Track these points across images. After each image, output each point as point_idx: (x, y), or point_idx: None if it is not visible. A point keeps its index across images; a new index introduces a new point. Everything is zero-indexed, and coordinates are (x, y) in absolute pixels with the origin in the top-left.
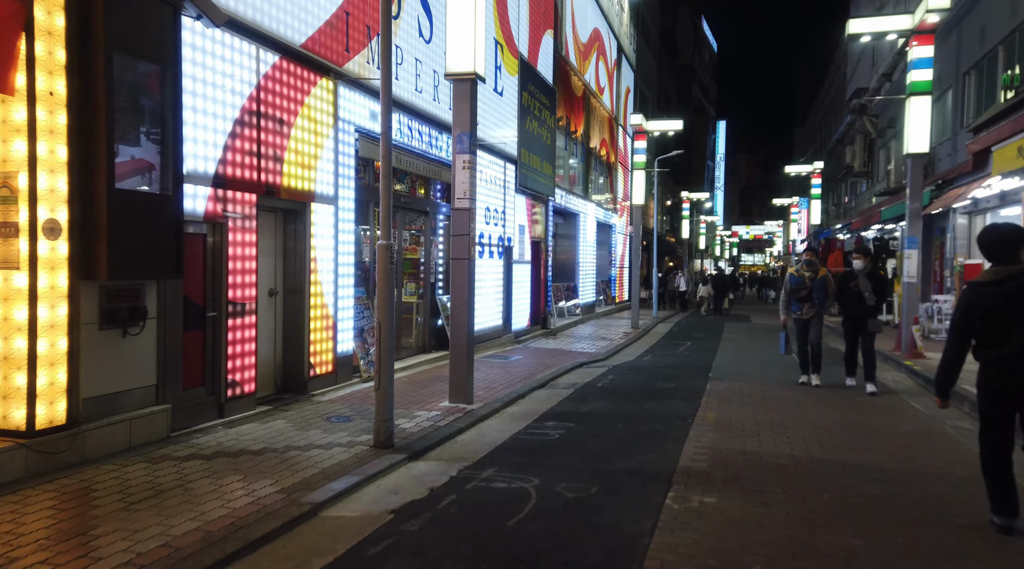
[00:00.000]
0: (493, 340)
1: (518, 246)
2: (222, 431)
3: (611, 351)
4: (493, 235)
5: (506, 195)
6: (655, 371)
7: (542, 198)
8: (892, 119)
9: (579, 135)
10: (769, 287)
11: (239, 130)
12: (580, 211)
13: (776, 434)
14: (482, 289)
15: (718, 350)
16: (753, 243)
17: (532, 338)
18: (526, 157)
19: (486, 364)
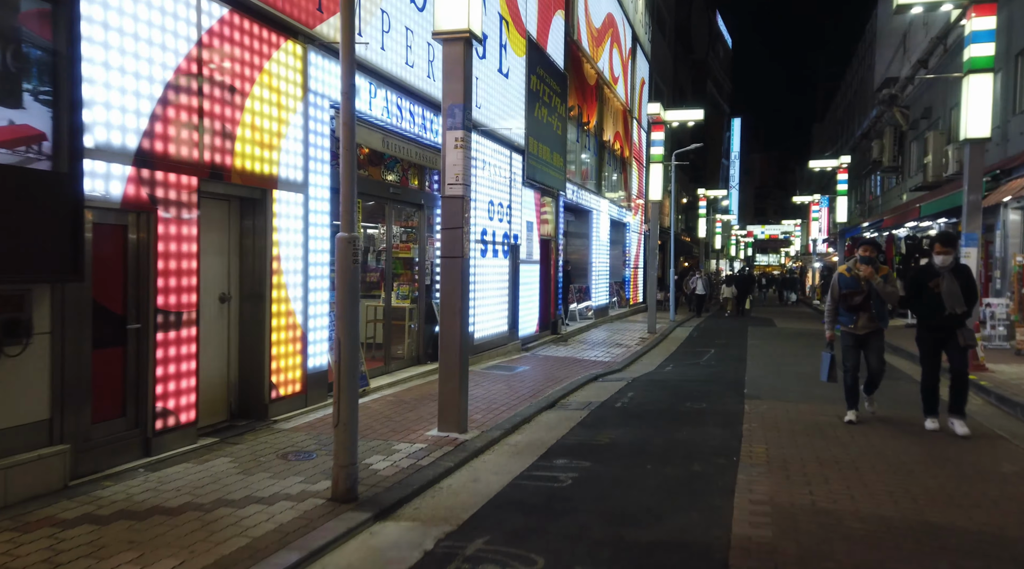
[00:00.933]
0: (498, 349)
1: (526, 244)
2: (142, 476)
3: (628, 360)
4: (498, 232)
5: (512, 188)
6: (681, 386)
7: (552, 193)
8: (927, 109)
9: (592, 127)
10: (789, 288)
11: (173, 96)
12: (593, 208)
13: (848, 479)
14: (485, 292)
15: (747, 359)
16: (768, 243)
17: (541, 345)
18: (535, 147)
19: (488, 378)
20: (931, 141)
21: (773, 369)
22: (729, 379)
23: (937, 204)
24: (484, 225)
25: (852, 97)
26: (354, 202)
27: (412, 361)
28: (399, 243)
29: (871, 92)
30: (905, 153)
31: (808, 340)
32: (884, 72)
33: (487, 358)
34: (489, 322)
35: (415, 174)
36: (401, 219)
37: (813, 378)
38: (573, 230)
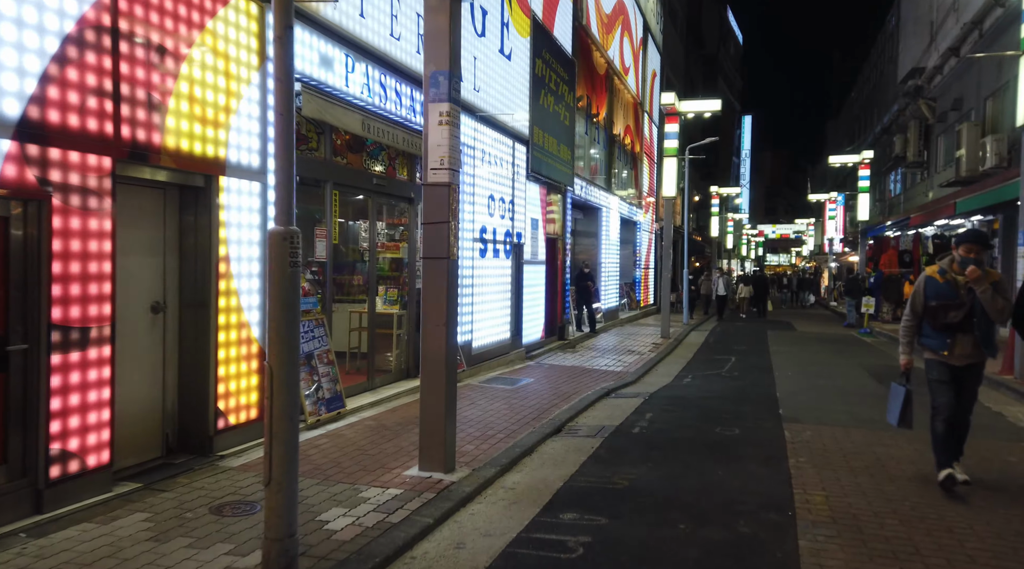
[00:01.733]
0: (499, 358)
1: (530, 243)
2: (20, 545)
3: (642, 370)
4: (499, 230)
5: (515, 183)
6: (706, 405)
7: (559, 188)
8: (957, 100)
9: (601, 119)
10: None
11: (74, 53)
12: (602, 205)
13: (946, 550)
14: (485, 296)
15: (773, 370)
16: (779, 243)
17: (547, 353)
18: (540, 137)
19: (486, 394)
20: (964, 133)
21: (805, 382)
22: (759, 395)
23: (977, 200)
24: (484, 222)
25: (871, 92)
26: (291, 186)
27: (400, 375)
28: (386, 242)
29: (893, 85)
30: (931, 147)
31: (835, 346)
32: (909, 63)
33: (487, 369)
34: (490, 330)
35: (404, 164)
36: (391, 215)
37: (854, 394)
38: (582, 229)
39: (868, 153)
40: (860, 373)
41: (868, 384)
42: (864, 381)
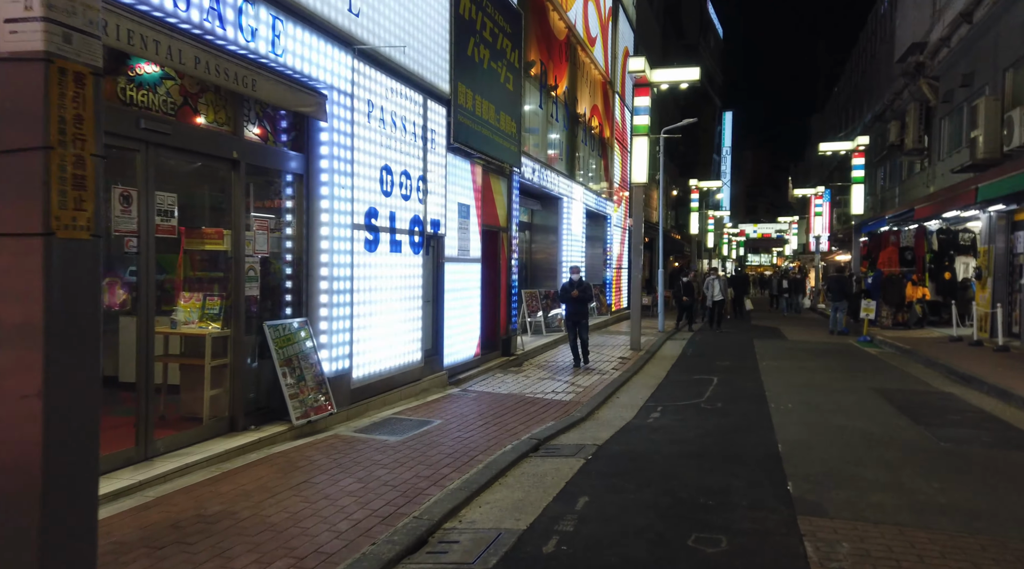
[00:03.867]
0: (407, 387)
1: (457, 235)
2: None
3: (599, 397)
4: (401, 215)
5: (429, 154)
6: (676, 473)
7: (501, 169)
8: (967, 75)
9: (561, 94)
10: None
11: None
12: (563, 194)
13: None
14: (377, 305)
15: (767, 398)
16: (760, 242)
17: (482, 375)
18: (468, 99)
19: (347, 455)
20: (982, 109)
21: (813, 419)
22: (753, 447)
23: (1007, 184)
24: (373, 202)
25: (859, 79)
26: None
27: (222, 428)
28: (204, 228)
29: (887, 68)
30: (934, 132)
31: (835, 361)
32: (908, 39)
33: (381, 406)
34: (386, 351)
35: (217, 105)
36: (196, 183)
37: (889, 445)
38: (539, 222)
39: (863, 139)
40: (878, 402)
41: (899, 423)
42: (890, 417)
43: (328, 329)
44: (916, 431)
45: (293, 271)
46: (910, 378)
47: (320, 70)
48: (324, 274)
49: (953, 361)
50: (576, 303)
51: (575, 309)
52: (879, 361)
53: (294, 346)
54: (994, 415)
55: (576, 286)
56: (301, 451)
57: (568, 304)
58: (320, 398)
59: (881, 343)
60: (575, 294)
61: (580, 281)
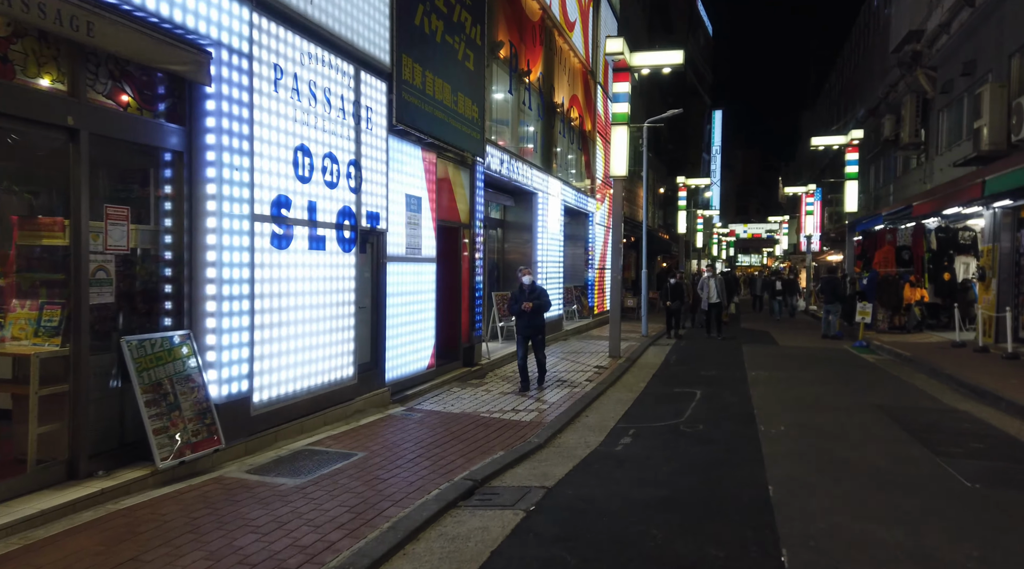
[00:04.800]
0: (334, 410)
1: (404, 231)
2: None
3: (563, 418)
4: (325, 205)
5: (365, 134)
6: (637, 528)
7: (461, 158)
8: (968, 64)
9: (535, 81)
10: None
11: None
12: (537, 189)
13: None
14: (291, 313)
15: (756, 419)
16: (750, 243)
17: (435, 389)
18: (416, 75)
19: (242, 495)
20: (987, 98)
21: (812, 449)
22: (737, 492)
23: (1018, 176)
24: (283, 188)
25: (852, 74)
26: None
27: (56, 475)
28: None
29: (881, 61)
30: (931, 125)
31: (831, 370)
32: (904, 27)
33: (294, 435)
34: (304, 367)
35: (44, 57)
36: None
37: (901, 486)
38: (512, 219)
39: (857, 133)
40: (884, 424)
41: (912, 453)
42: (900, 444)
43: (218, 344)
44: (934, 465)
45: (172, 273)
46: (915, 391)
47: (201, 21)
48: (211, 276)
49: (960, 371)
50: (530, 315)
51: (529, 322)
52: (878, 370)
53: (167, 366)
54: (1021, 441)
55: (529, 294)
56: (156, 506)
57: (519, 316)
58: (202, 431)
59: (878, 349)
60: (527, 307)
61: (534, 287)
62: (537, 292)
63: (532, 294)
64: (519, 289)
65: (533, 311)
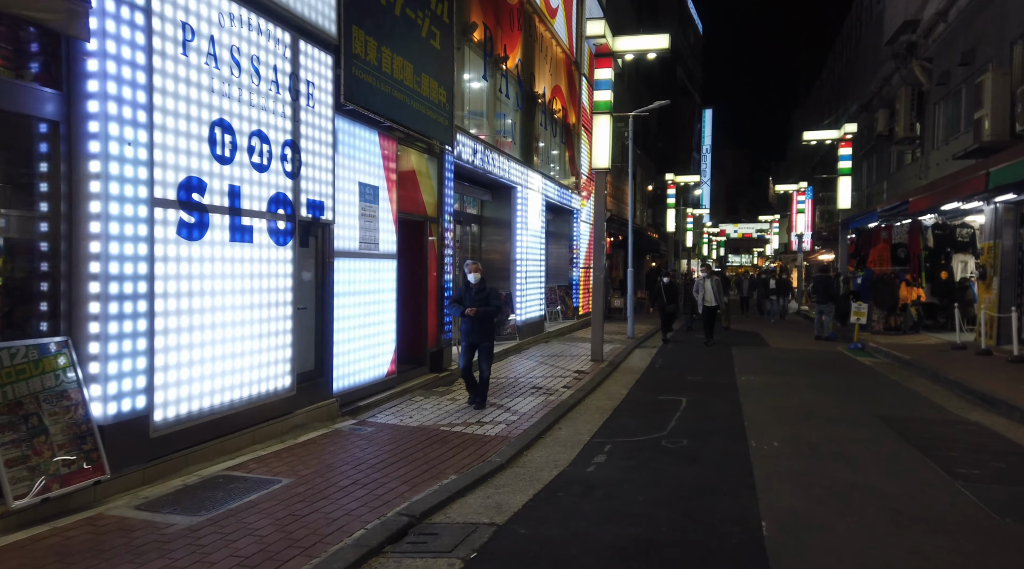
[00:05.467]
0: (267, 426)
1: (357, 223)
2: None
3: (533, 431)
4: (252, 189)
5: (303, 111)
6: None
7: (427, 145)
8: (967, 53)
9: (513, 68)
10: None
11: None
12: (516, 183)
13: None
14: (203, 313)
15: (747, 433)
16: (741, 242)
17: (396, 398)
18: (368, 49)
19: (113, 542)
20: (988, 86)
21: (811, 471)
22: (724, 530)
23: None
24: (197, 171)
25: (843, 69)
26: None
27: None
28: None
29: (873, 55)
30: (927, 119)
31: (826, 375)
32: (899, 17)
33: (212, 458)
34: (218, 378)
35: None
36: None
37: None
38: (490, 215)
39: (851, 127)
40: (890, 439)
41: (927, 476)
42: (912, 464)
43: (104, 352)
44: (954, 492)
45: (49, 267)
46: (919, 399)
47: None
48: (95, 271)
49: (965, 376)
50: (477, 320)
51: (474, 327)
52: (877, 375)
53: (32, 381)
54: None
55: (476, 294)
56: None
57: (464, 320)
58: (78, 459)
59: (875, 351)
60: (470, 312)
61: (483, 286)
62: (486, 293)
63: (480, 294)
64: (464, 286)
65: (480, 315)
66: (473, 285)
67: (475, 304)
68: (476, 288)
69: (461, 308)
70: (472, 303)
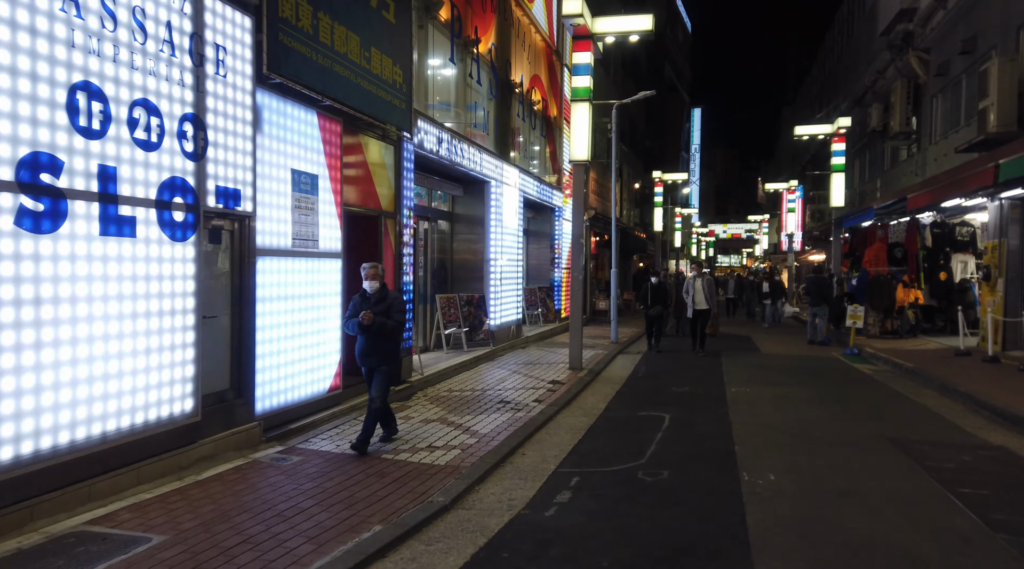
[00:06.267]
0: (160, 460)
1: (290, 216)
2: None
3: (491, 459)
4: (134, 171)
5: (211, 79)
6: None
7: (382, 131)
8: (968, 41)
9: (486, 53)
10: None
11: None
12: (490, 177)
13: None
14: (63, 325)
15: (737, 460)
16: (730, 243)
17: (338, 417)
18: (302, 15)
19: None
20: (993, 74)
21: (817, 518)
22: None
23: None
24: (47, 145)
25: (834, 64)
26: None
27: None
28: None
29: (867, 47)
30: (924, 112)
31: (823, 385)
32: (895, 6)
33: (76, 505)
34: (92, 404)
35: None
36: None
37: None
38: (462, 211)
39: (844, 121)
40: (907, 469)
41: (961, 524)
42: (939, 507)
43: None
44: (1002, 553)
45: None
46: (930, 416)
47: None
48: None
49: (976, 388)
50: (374, 335)
51: (370, 346)
52: (878, 385)
53: None
54: None
55: (375, 304)
56: None
57: (359, 334)
58: None
59: (872, 357)
60: (365, 319)
61: (384, 295)
62: (387, 304)
63: (379, 306)
64: (360, 297)
65: (377, 331)
66: (371, 295)
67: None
68: (375, 298)
69: (353, 323)
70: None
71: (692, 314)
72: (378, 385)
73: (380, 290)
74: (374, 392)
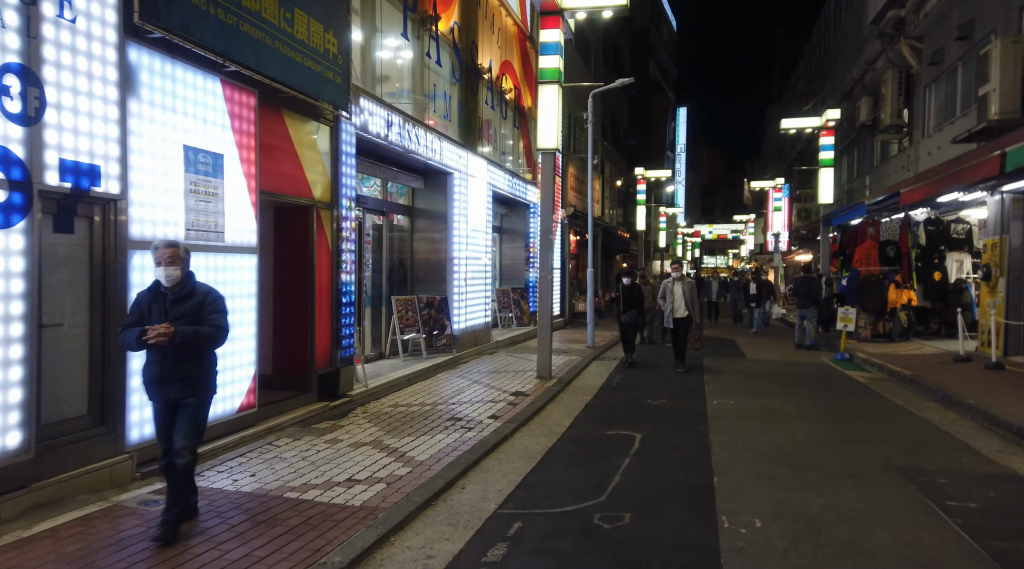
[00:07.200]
0: None
1: (182, 201)
2: None
3: (421, 494)
4: None
5: (49, 23)
6: None
7: (312, 108)
8: (965, 25)
9: (447, 31)
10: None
11: None
12: (453, 168)
13: None
14: None
15: (715, 497)
16: (716, 244)
17: (252, 440)
18: None
19: None
20: (995, 57)
21: None
22: None
23: None
24: None
25: (821, 57)
26: None
27: None
28: None
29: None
30: (916, 104)
31: (813, 397)
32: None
33: None
34: None
35: None
36: None
37: None
38: (423, 206)
39: (834, 113)
40: (922, 510)
41: None
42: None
43: None
44: None
45: None
46: (939, 436)
47: None
48: None
49: (986, 400)
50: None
51: (166, 368)
52: (875, 396)
53: None
54: None
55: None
56: None
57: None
58: None
59: (865, 363)
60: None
61: (191, 289)
62: (195, 303)
63: (180, 306)
64: (151, 292)
65: (180, 345)
66: (167, 290)
67: (175, 322)
68: (174, 296)
69: (133, 335)
70: (165, 320)
71: (673, 324)
72: (184, 430)
73: (182, 282)
74: (180, 441)
